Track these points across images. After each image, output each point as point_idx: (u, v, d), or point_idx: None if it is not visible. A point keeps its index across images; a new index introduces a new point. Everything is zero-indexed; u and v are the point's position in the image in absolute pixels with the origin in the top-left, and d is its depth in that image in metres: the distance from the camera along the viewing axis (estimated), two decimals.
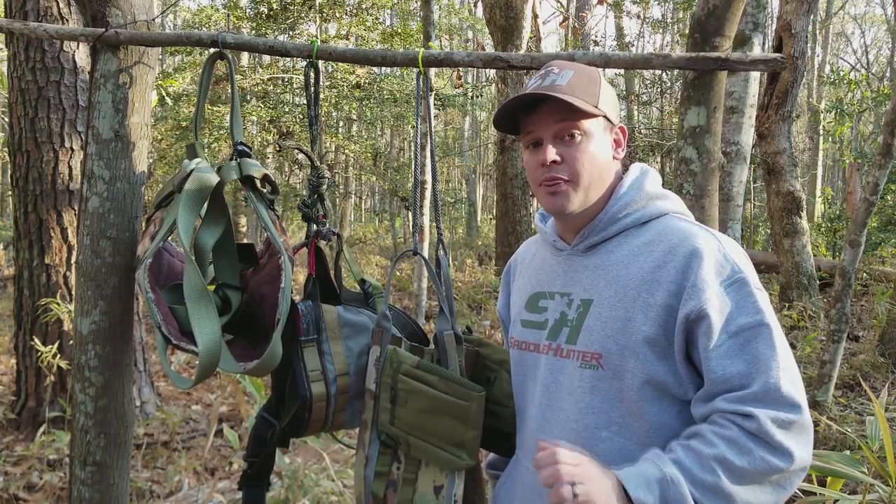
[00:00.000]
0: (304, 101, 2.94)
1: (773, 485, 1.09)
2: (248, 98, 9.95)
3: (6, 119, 5.45)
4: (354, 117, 14.50)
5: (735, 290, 1.13)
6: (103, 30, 1.78)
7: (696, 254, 1.16)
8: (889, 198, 9.90)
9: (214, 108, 9.56)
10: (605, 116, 1.27)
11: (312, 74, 1.77)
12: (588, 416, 1.21)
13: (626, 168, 1.36)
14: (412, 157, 17.69)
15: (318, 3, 9.69)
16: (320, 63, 1.79)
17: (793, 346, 5.44)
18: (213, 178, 1.62)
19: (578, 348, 1.23)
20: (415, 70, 1.75)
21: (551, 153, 1.23)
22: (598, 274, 1.26)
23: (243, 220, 12.38)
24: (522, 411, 1.38)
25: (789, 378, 1.10)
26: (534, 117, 1.27)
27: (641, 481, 1.06)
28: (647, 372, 1.17)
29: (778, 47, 6.02)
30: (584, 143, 1.24)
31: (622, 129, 1.32)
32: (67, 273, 4.03)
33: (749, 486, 1.07)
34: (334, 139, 11.90)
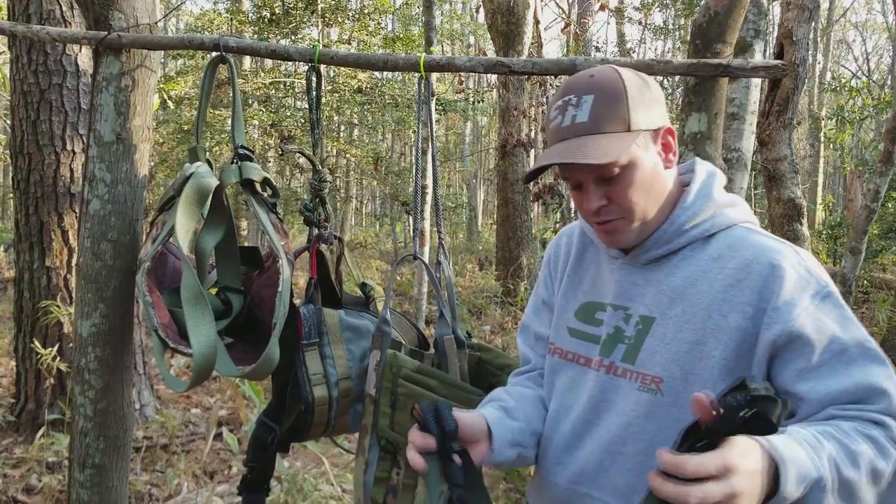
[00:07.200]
0: (306, 105, 2.93)
1: (888, 487, 0.99)
2: (250, 102, 9.96)
3: (8, 121, 5.46)
4: (356, 121, 14.52)
5: (827, 305, 1.05)
6: (106, 33, 1.79)
7: (774, 271, 1.06)
8: (890, 205, 9.88)
9: (217, 112, 9.57)
10: (645, 131, 1.11)
11: (314, 78, 1.78)
12: (640, 442, 1.13)
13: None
14: (413, 161, 17.67)
15: (320, 8, 9.71)
16: (322, 67, 1.79)
17: None
18: (213, 182, 1.62)
19: (637, 369, 1.14)
20: (416, 75, 1.75)
21: (595, 201, 1.11)
22: (662, 290, 1.14)
23: (244, 224, 12.38)
24: (555, 421, 1.26)
25: None
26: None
27: (798, 477, 0.88)
28: None
29: (779, 54, 6.02)
30: (628, 175, 1.10)
31: (669, 131, 1.15)
32: (68, 275, 4.02)
33: (875, 489, 0.97)
34: (336, 143, 11.90)
